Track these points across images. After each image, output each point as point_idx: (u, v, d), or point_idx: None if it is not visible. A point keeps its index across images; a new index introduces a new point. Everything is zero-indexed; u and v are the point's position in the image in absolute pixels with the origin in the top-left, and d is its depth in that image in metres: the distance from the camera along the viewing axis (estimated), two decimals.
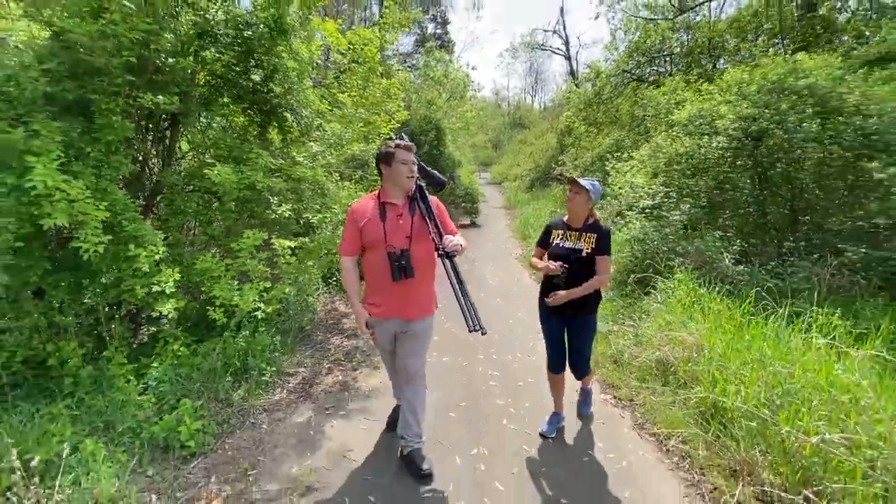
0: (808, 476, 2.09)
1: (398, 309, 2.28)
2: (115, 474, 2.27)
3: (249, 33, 3.91)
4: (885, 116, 4.02)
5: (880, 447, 2.03)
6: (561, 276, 2.47)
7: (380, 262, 2.20)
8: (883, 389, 2.35)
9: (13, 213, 2.57)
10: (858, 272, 3.98)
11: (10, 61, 2.74)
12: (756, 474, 2.22)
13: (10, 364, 2.82)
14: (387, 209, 2.23)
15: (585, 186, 2.46)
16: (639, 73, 11.54)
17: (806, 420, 2.21)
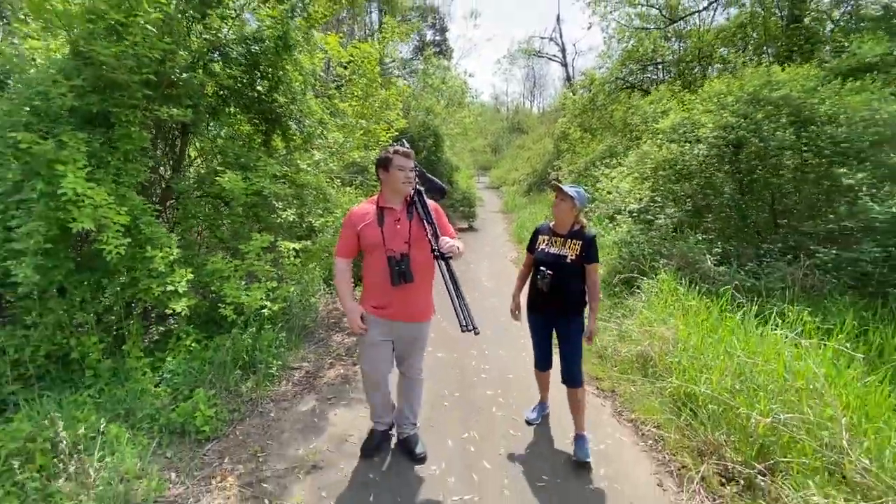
0: (763, 452, 2.32)
1: (402, 311, 2.31)
2: (137, 455, 2.49)
3: (257, 48, 4.17)
4: (854, 125, 4.27)
5: (829, 426, 2.26)
6: (544, 281, 2.51)
7: (380, 266, 2.24)
8: (837, 377, 2.59)
9: (43, 217, 2.81)
10: (830, 272, 4.22)
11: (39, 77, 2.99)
12: (720, 453, 2.46)
13: (35, 357, 3.04)
14: (385, 214, 2.26)
15: (570, 194, 2.48)
16: (632, 81, 11.85)
17: (763, 404, 2.44)
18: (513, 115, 45.96)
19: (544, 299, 2.58)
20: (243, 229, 4.35)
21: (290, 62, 4.42)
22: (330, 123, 5.33)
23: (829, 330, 3.33)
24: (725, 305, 3.73)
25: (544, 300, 2.59)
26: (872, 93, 4.56)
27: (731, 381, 2.71)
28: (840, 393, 2.47)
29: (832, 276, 4.19)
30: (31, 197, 2.81)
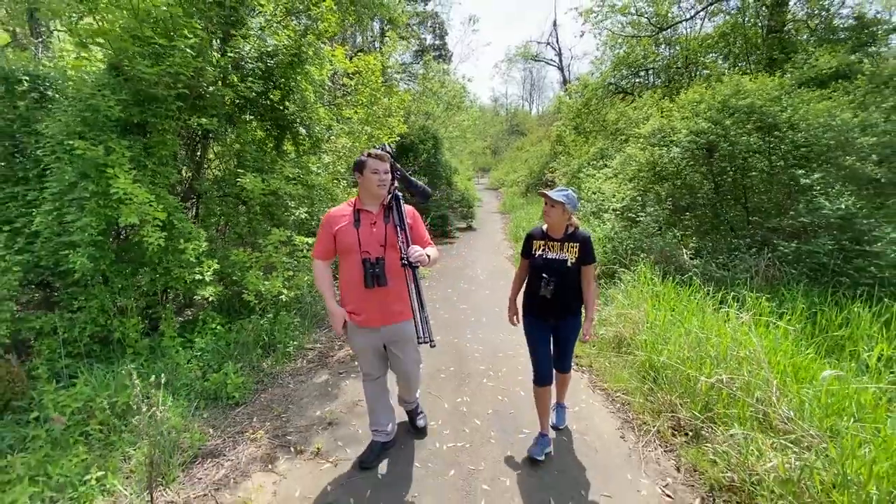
0: (708, 408, 2.77)
1: (378, 316, 2.30)
2: (180, 414, 2.93)
3: (271, 62, 4.62)
4: (812, 131, 4.72)
5: (762, 386, 2.71)
6: (549, 288, 2.44)
7: (354, 268, 2.24)
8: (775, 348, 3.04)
9: (94, 213, 3.26)
10: (790, 264, 4.67)
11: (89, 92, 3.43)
12: (674, 411, 2.90)
13: (81, 337, 3.48)
14: (361, 216, 2.26)
15: (559, 199, 2.41)
16: (623, 86, 12.31)
17: (709, 369, 2.89)
18: (511, 117, 46.42)
19: (545, 306, 2.50)
20: (260, 226, 4.80)
21: (301, 74, 4.87)
22: (337, 129, 5.78)
23: (782, 313, 3.79)
24: (693, 292, 4.17)
25: (545, 307, 2.51)
26: (833, 101, 5.01)
27: (686, 352, 3.16)
28: (776, 360, 2.91)
29: (792, 267, 4.63)
30: (83, 196, 3.25)
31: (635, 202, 5.80)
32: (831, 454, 2.08)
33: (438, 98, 14.30)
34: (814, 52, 6.47)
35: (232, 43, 4.05)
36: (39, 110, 3.87)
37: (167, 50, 3.35)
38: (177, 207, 3.77)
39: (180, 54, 3.35)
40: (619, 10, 10.64)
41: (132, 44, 3.36)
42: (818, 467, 2.06)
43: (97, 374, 3.25)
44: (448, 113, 15.09)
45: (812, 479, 2.04)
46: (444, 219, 10.94)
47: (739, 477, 2.27)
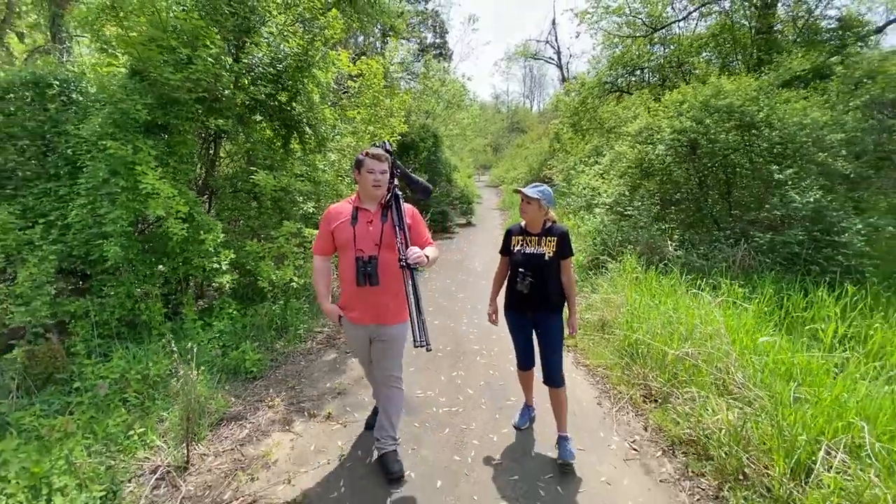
0: (674, 376, 3.11)
1: (368, 314, 2.29)
2: (205, 385, 3.28)
3: (281, 67, 4.95)
4: (786, 129, 5.04)
5: (723, 359, 3.05)
6: (525, 283, 2.47)
7: (349, 265, 2.23)
8: (738, 327, 3.38)
9: (124, 207, 3.61)
10: (765, 254, 5.00)
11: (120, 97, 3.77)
12: (646, 381, 3.24)
13: (110, 320, 3.83)
14: (359, 214, 2.25)
15: (534, 196, 2.44)
16: (619, 84, 12.60)
17: (676, 343, 3.23)
18: (512, 114, 46.67)
19: (524, 300, 2.53)
20: (270, 219, 5.15)
21: (308, 77, 5.20)
22: (342, 129, 6.12)
23: (753, 298, 4.12)
24: (672, 280, 4.51)
25: (524, 301, 2.54)
26: (808, 101, 5.33)
27: (659, 329, 3.49)
28: (739, 337, 3.25)
29: (767, 257, 4.96)
30: (115, 191, 3.60)
31: (624, 197, 6.14)
32: (769, 409, 2.42)
33: (439, 97, 14.62)
34: (796, 53, 6.77)
35: (246, 49, 4.38)
36: (67, 112, 4.22)
37: (190, 58, 3.69)
38: (196, 202, 4.12)
39: (202, 62, 3.69)
40: (614, 12, 10.93)
41: (158, 52, 3.70)
42: (758, 420, 2.40)
43: (129, 351, 3.61)
44: (448, 111, 15.41)
45: (753, 429, 2.38)
46: (444, 215, 11.28)
47: (696, 432, 2.61)
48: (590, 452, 2.64)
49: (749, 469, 2.27)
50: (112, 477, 2.27)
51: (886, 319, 3.59)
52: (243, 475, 2.41)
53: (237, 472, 2.44)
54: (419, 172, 10.43)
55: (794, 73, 5.75)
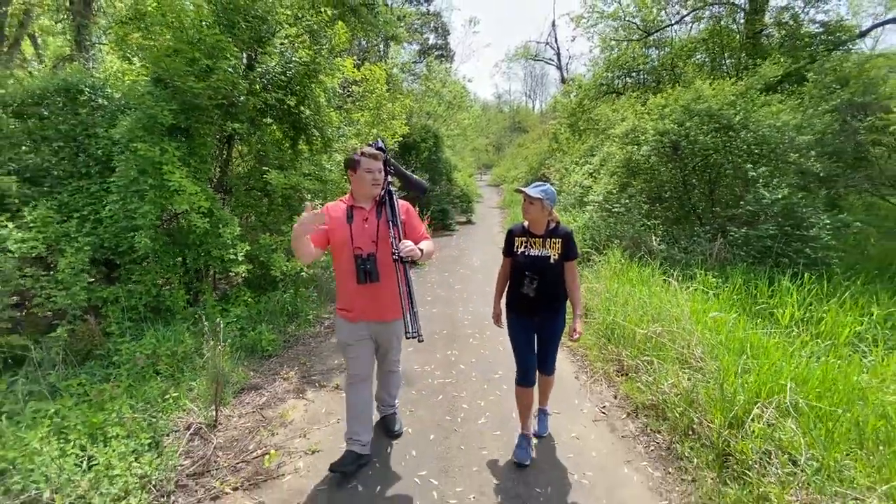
0: (643, 353, 3.49)
1: (369, 311, 2.33)
2: (227, 360, 3.69)
3: (291, 73, 5.35)
4: (760, 131, 5.41)
5: (687, 337, 3.43)
6: (532, 286, 2.41)
7: (347, 265, 2.24)
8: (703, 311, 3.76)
9: (152, 202, 4.01)
10: (741, 247, 5.36)
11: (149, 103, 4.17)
12: (619, 357, 3.63)
13: (138, 305, 4.24)
14: (354, 212, 2.27)
15: (537, 196, 2.36)
16: (615, 86, 12.96)
17: (646, 324, 3.62)
18: (514, 114, 47.00)
19: (529, 304, 2.47)
20: (280, 215, 5.55)
21: (315, 82, 5.60)
22: (347, 131, 6.52)
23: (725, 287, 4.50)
24: (651, 270, 4.89)
25: (529, 305, 2.47)
26: (783, 104, 5.69)
27: (632, 312, 3.88)
28: (704, 319, 3.63)
29: (742, 250, 5.33)
30: (144, 188, 4.01)
31: (611, 195, 6.51)
32: (717, 376, 2.80)
33: (440, 98, 15.02)
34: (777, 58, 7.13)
35: (260, 59, 4.78)
36: (95, 116, 4.63)
37: (211, 69, 4.10)
38: (214, 198, 4.52)
39: (222, 73, 4.09)
40: (609, 16, 11.29)
41: (183, 63, 4.10)
42: (706, 386, 2.79)
43: (158, 332, 4.02)
44: (449, 112, 15.80)
45: (702, 393, 2.77)
46: (445, 213, 11.67)
47: (657, 398, 3.00)
48: (564, 415, 3.03)
49: (697, 426, 2.66)
50: (154, 430, 2.67)
51: (841, 304, 3.96)
52: (264, 431, 2.81)
53: (259, 428, 2.84)
54: (420, 172, 10.82)
55: (767, 78, 6.11)
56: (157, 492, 2.23)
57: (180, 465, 2.45)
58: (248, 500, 2.24)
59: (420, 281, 6.51)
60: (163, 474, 2.32)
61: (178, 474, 2.38)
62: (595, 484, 2.37)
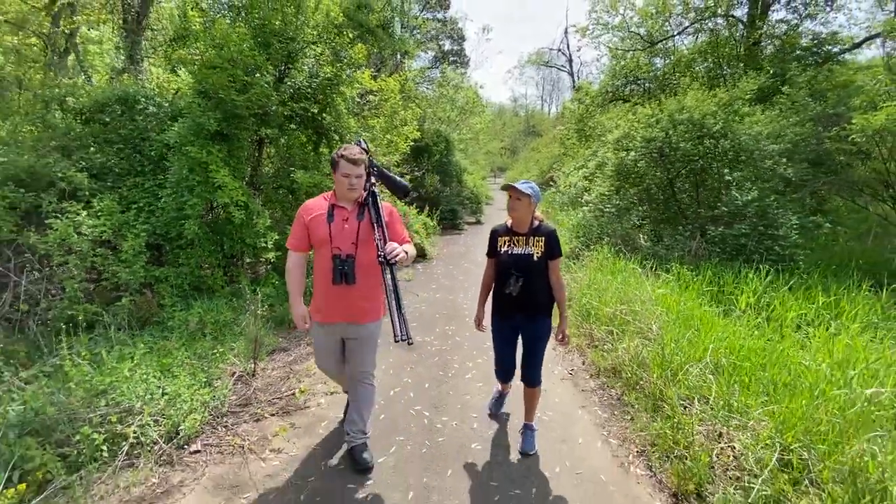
0: (609, 326, 4.09)
1: (340, 312, 2.26)
2: (260, 328, 4.39)
3: (315, 86, 6.08)
4: (736, 139, 5.94)
5: (649, 317, 4.01)
6: (517, 285, 2.39)
7: (324, 263, 2.20)
8: (670, 297, 4.33)
9: (199, 196, 4.75)
10: (717, 245, 5.89)
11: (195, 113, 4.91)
12: (591, 333, 4.23)
13: (184, 284, 4.97)
14: (335, 211, 2.22)
15: (525, 191, 2.36)
16: (621, 93, 13.48)
17: (615, 304, 4.21)
18: (529, 118, 47.48)
19: (513, 304, 2.45)
20: None
21: (336, 92, 6.32)
22: (364, 136, 7.24)
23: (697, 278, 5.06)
24: (631, 262, 5.46)
25: (513, 304, 2.46)
26: (762, 115, 6.21)
27: (608, 296, 4.48)
28: (669, 303, 4.21)
29: (718, 247, 5.86)
30: (192, 184, 4.75)
31: (604, 196, 7.09)
32: (661, 343, 3.40)
33: (453, 104, 15.71)
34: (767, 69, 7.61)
35: (289, 74, 5.52)
36: (148, 122, 5.40)
37: (251, 84, 4.84)
38: (249, 194, 5.26)
39: (259, 87, 4.83)
40: (613, 28, 11.84)
41: (226, 80, 4.85)
42: (651, 350, 3.38)
43: (203, 305, 4.76)
44: (462, 117, 16.48)
45: (648, 356, 3.36)
46: (454, 213, 12.33)
47: (615, 362, 3.60)
48: None
49: (642, 381, 3.25)
50: (207, 374, 3.37)
51: (793, 293, 4.49)
52: (293, 378, 3.50)
53: (288, 377, 3.53)
54: (431, 174, 11.50)
55: (746, 92, 6.60)
56: (213, 414, 2.93)
57: (229, 399, 3.15)
58: (282, 422, 2.93)
59: (426, 273, 7.17)
60: (217, 402, 3.01)
61: (228, 404, 3.07)
62: (553, 419, 2.99)
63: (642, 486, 2.40)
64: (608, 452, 2.69)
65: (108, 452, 2.44)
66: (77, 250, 4.09)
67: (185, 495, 2.28)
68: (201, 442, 2.70)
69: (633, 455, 2.65)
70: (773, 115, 6.36)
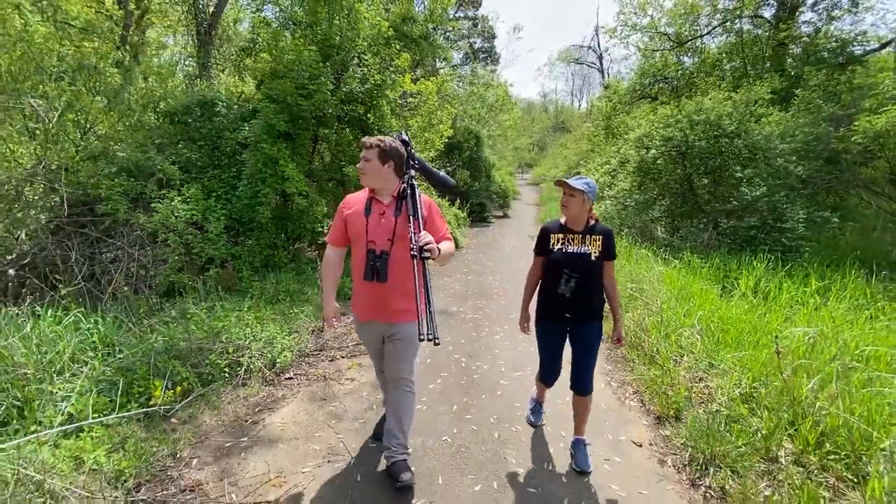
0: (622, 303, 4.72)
1: (373, 310, 2.22)
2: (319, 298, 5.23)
3: (364, 91, 6.88)
4: (750, 139, 6.40)
5: (658, 295, 4.63)
6: (570, 285, 2.27)
7: (359, 257, 2.18)
8: (677, 279, 4.92)
9: (270, 186, 5.62)
10: (728, 236, 6.39)
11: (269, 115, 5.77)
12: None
13: (256, 261, 5.86)
14: (372, 205, 2.19)
15: (579, 188, 2.24)
16: (650, 91, 13.81)
17: (626, 283, 4.83)
18: (558, 113, 47.41)
19: (565, 305, 2.32)
20: None
21: (381, 96, 7.11)
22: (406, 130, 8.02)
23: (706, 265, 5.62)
24: (647, 251, 6.04)
25: (565, 306, 2.33)
26: (776, 116, 6.64)
27: (621, 278, 5.10)
28: (676, 284, 4.81)
29: (730, 238, 6.36)
30: (265, 176, 5.62)
31: (624, 191, 7.64)
32: (661, 313, 4.03)
33: (483, 101, 16.33)
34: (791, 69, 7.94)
35: (344, 80, 6.35)
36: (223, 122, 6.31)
37: (315, 91, 5.68)
38: (308, 185, 6.11)
39: (320, 94, 5.66)
40: (641, 29, 12.20)
41: (292, 87, 5.70)
42: (652, 318, 4.02)
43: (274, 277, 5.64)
44: (491, 114, 17.09)
45: (648, 322, 4.00)
46: (483, 206, 13.03)
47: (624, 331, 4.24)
48: None
49: (643, 343, 3.90)
50: (290, 327, 4.21)
51: (791, 278, 5.00)
52: (355, 334, 4.31)
53: (350, 332, 4.34)
54: (461, 169, 12.21)
55: (759, 95, 6.99)
56: (298, 354, 3.76)
57: (308, 345, 3.98)
58: (349, 361, 3.74)
59: (458, 259, 7.92)
60: (301, 345, 3.85)
61: (308, 348, 3.90)
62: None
63: (633, 412, 3.08)
64: (609, 392, 3.36)
65: (229, 373, 3.29)
66: (174, 230, 5.01)
67: (288, 404, 3.11)
68: (293, 372, 3.54)
69: (630, 393, 3.32)
70: (786, 116, 6.75)
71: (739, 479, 2.29)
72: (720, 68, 11.18)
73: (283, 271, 5.92)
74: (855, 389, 2.56)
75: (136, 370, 3.07)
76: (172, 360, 3.22)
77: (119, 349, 3.30)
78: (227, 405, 3.07)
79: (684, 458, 2.54)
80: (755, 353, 3.25)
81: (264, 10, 7.83)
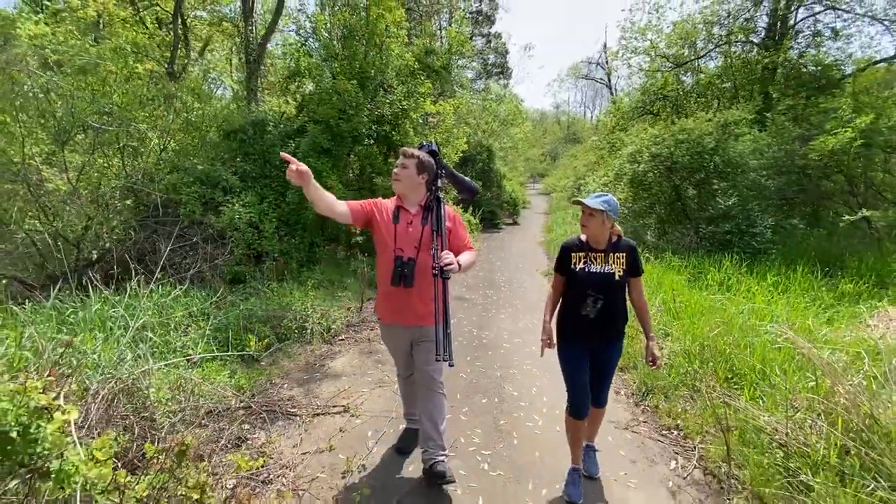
0: None
1: (399, 314, 2.30)
2: (357, 285, 6.31)
3: (391, 112, 8.02)
4: (726, 156, 7.36)
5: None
6: (596, 307, 2.19)
7: (386, 264, 2.25)
8: (665, 276, 5.89)
9: None
10: (707, 240, 7.32)
11: (318, 135, 6.93)
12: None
13: (301, 257, 6.97)
14: (400, 214, 2.28)
15: (598, 207, 2.14)
16: (651, 108, 14.78)
17: None
18: (570, 124, 48.35)
19: (589, 327, 2.24)
20: None
21: (406, 117, 8.24)
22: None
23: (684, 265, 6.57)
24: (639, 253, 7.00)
25: (589, 328, 2.25)
26: (751, 135, 7.59)
27: None
28: (651, 276, 5.77)
29: (708, 242, 7.28)
30: None
31: (620, 201, 8.61)
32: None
33: (495, 116, 17.44)
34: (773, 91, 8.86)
35: (376, 104, 7.49)
36: (273, 139, 7.45)
37: (353, 115, 6.82)
38: (346, 193, 7.23)
39: (357, 118, 6.80)
40: (641, 52, 13.23)
41: (334, 111, 6.84)
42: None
43: (318, 269, 6.75)
44: (503, 127, 18.18)
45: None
46: (494, 214, 14.08)
47: None
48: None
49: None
50: (337, 305, 5.28)
51: (752, 275, 5.92)
52: None
53: None
54: (474, 180, 13.28)
55: (738, 118, 7.91)
56: (346, 324, 4.83)
57: (353, 318, 5.04)
58: None
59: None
60: (345, 318, 4.92)
61: (352, 320, 4.97)
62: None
63: None
64: None
65: (298, 334, 4.37)
66: (237, 228, 6.13)
67: (344, 355, 4.17)
68: (343, 336, 4.61)
69: None
70: (760, 136, 7.66)
71: (669, 400, 3.27)
72: (716, 87, 12.11)
73: (323, 265, 7.03)
74: (757, 342, 3.53)
75: (231, 328, 4.16)
76: (257, 322, 4.31)
77: (213, 316, 4.41)
78: (298, 356, 4.14)
79: (633, 389, 3.53)
80: (699, 324, 4.22)
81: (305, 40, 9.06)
